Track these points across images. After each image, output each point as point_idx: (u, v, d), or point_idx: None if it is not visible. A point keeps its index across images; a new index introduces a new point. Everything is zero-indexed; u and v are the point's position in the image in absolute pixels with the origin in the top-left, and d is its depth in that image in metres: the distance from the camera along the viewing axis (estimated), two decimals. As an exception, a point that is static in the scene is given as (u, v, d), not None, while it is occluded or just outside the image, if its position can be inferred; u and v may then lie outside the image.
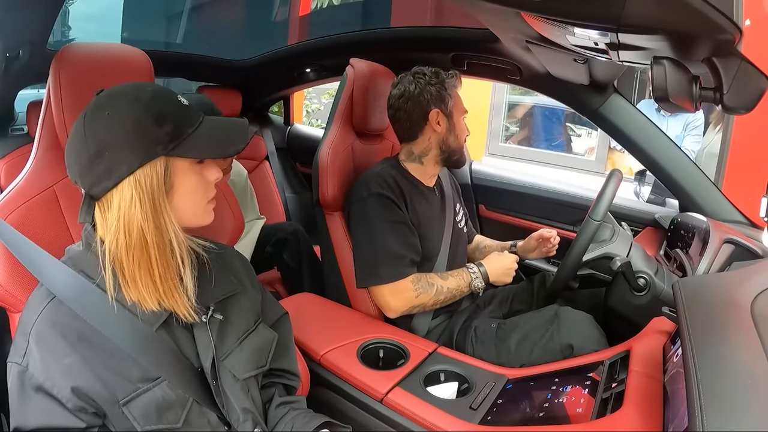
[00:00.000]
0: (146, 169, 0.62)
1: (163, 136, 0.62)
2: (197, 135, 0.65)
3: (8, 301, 0.73)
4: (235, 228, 0.98)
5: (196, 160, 0.66)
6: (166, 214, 0.63)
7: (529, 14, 0.85)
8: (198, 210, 0.68)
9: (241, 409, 0.71)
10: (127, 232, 0.62)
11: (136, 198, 0.61)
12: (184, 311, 0.65)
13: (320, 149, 1.31)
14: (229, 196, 0.98)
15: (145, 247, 0.62)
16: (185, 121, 0.64)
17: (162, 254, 0.63)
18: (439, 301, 1.18)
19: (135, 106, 0.61)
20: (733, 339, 0.60)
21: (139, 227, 0.62)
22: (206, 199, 0.69)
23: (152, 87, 0.65)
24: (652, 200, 1.60)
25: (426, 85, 1.21)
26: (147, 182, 0.62)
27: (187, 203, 0.67)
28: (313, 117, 4.68)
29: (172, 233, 0.64)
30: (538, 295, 1.34)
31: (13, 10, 1.09)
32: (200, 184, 0.67)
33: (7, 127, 1.96)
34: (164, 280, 0.64)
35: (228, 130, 0.68)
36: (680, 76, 0.65)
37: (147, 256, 0.62)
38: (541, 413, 0.82)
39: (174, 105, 0.65)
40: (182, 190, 0.65)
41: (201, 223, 0.70)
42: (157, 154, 0.62)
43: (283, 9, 3.44)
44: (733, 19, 0.58)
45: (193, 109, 0.67)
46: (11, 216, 0.74)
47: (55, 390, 0.59)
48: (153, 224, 0.62)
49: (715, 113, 2.62)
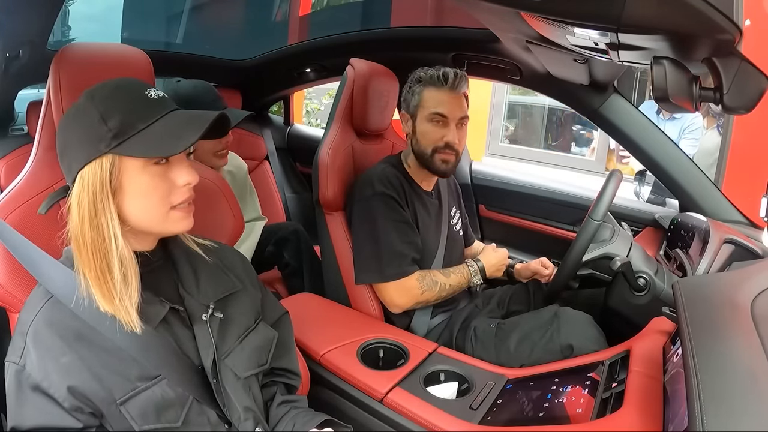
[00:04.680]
0: (92, 167, 0.60)
1: (106, 133, 0.59)
2: (147, 132, 0.60)
3: (8, 301, 0.73)
4: (235, 228, 0.97)
5: (153, 160, 0.62)
6: (107, 215, 0.60)
7: (529, 14, 0.85)
8: (155, 216, 0.64)
9: (242, 408, 0.71)
10: (72, 228, 0.62)
11: (81, 195, 0.61)
12: (126, 318, 0.61)
13: (320, 149, 1.31)
14: (229, 196, 0.98)
15: (83, 245, 0.61)
16: (139, 116, 0.60)
17: (100, 256, 0.61)
18: (441, 297, 1.20)
19: (87, 102, 0.61)
20: (733, 339, 0.60)
21: (75, 223, 0.61)
22: (168, 204, 0.64)
23: (118, 82, 0.63)
24: (652, 200, 1.60)
25: (407, 85, 1.23)
26: (90, 180, 0.60)
27: (138, 207, 0.62)
28: (313, 117, 4.67)
29: (111, 236, 0.61)
30: (535, 297, 1.34)
31: (13, 10, 1.09)
32: (156, 186, 0.62)
33: (7, 127, 1.96)
34: (102, 283, 0.61)
35: (184, 123, 0.62)
36: (680, 76, 0.64)
37: (85, 255, 0.61)
38: (541, 413, 0.82)
39: (131, 100, 0.61)
40: (131, 192, 0.62)
41: (167, 229, 0.66)
42: (99, 152, 0.60)
43: (283, 9, 3.44)
44: (733, 19, 0.58)
45: (160, 103, 0.63)
46: (11, 216, 0.74)
47: (52, 390, 0.59)
48: (89, 223, 0.60)
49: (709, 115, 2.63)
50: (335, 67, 1.94)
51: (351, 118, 1.37)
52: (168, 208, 0.64)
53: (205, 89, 1.42)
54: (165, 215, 0.64)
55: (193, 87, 1.41)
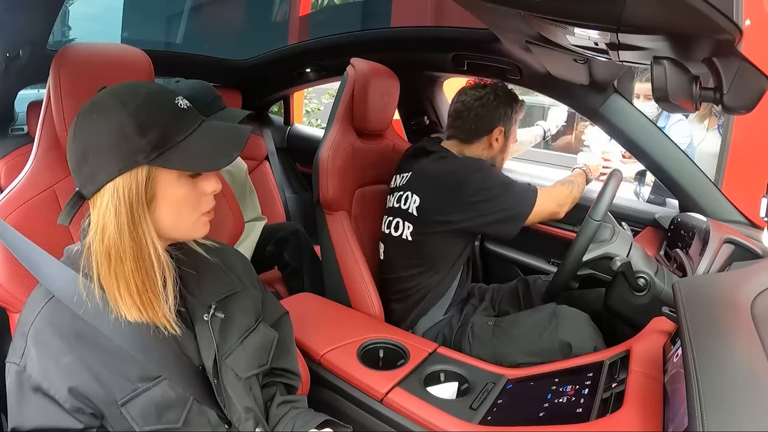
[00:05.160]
0: (126, 178, 0.59)
1: (145, 145, 0.58)
2: (185, 145, 0.61)
3: (8, 301, 0.73)
4: (235, 228, 0.98)
5: (189, 172, 0.62)
6: (145, 225, 0.60)
7: (529, 14, 0.85)
8: (185, 224, 0.64)
9: (243, 408, 0.71)
10: (102, 239, 0.60)
11: (112, 206, 0.59)
12: (165, 323, 0.62)
13: (321, 149, 1.31)
14: (228, 196, 0.98)
15: (122, 257, 0.60)
16: (175, 128, 0.60)
17: (140, 266, 0.61)
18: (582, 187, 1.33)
19: (120, 111, 0.58)
20: (733, 339, 0.60)
21: (113, 235, 0.59)
22: (198, 212, 0.65)
23: (147, 89, 0.62)
24: (652, 200, 1.60)
25: (504, 102, 1.26)
26: (125, 191, 0.59)
27: (171, 216, 0.63)
28: (313, 117, 4.67)
29: (150, 245, 0.61)
30: (525, 298, 1.35)
31: (13, 10, 1.09)
32: (189, 196, 0.63)
33: (7, 127, 1.96)
34: (142, 292, 0.61)
35: (223, 139, 0.63)
36: (680, 76, 0.64)
37: (122, 266, 0.60)
38: (541, 413, 0.82)
39: (166, 110, 0.61)
40: (166, 203, 0.62)
41: (192, 236, 0.67)
42: (137, 163, 0.59)
43: (283, 9, 3.44)
44: (733, 19, 0.58)
45: (190, 114, 0.63)
46: (11, 216, 0.74)
47: (53, 390, 0.59)
48: (129, 235, 0.59)
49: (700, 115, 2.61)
50: (335, 67, 1.94)
51: (351, 118, 1.37)
52: (198, 216, 0.65)
53: (204, 89, 1.42)
54: (194, 222, 0.65)
55: (192, 87, 1.41)
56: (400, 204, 1.25)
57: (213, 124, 0.65)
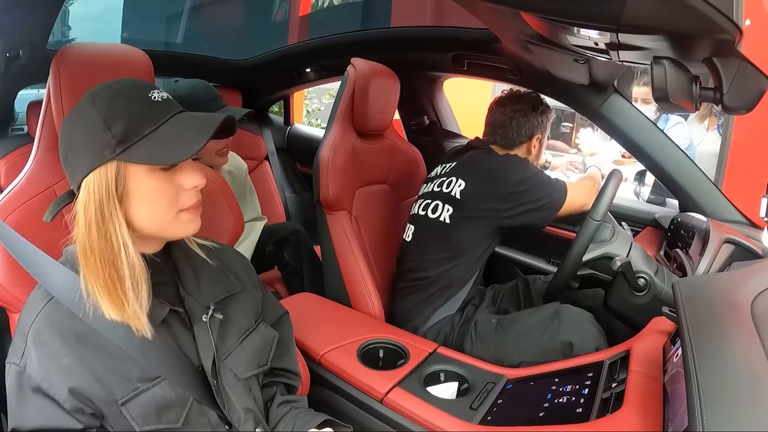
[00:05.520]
0: (96, 174, 0.59)
1: (110, 139, 0.58)
2: (153, 137, 0.59)
3: (8, 301, 0.73)
4: (235, 228, 0.97)
5: (160, 165, 0.61)
6: (115, 222, 0.59)
7: (529, 14, 0.85)
8: (164, 220, 0.63)
9: (242, 409, 0.71)
10: (79, 235, 0.61)
11: (87, 203, 0.59)
12: (135, 323, 0.61)
13: (321, 149, 1.31)
14: (228, 196, 0.98)
15: (91, 253, 0.60)
16: (142, 121, 0.59)
17: (109, 263, 0.60)
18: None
19: (90, 107, 0.59)
20: (733, 339, 0.60)
21: (86, 231, 0.60)
22: (176, 208, 0.63)
23: (120, 84, 0.61)
24: (652, 200, 1.60)
25: (543, 113, 1.34)
26: (95, 188, 0.59)
27: (147, 212, 0.62)
28: (313, 117, 4.68)
29: (121, 243, 0.60)
30: (525, 298, 1.36)
31: (13, 10, 1.09)
32: (164, 191, 0.61)
33: (7, 127, 1.96)
34: (112, 290, 0.60)
35: (193, 128, 0.61)
36: (680, 76, 0.64)
37: (94, 263, 0.60)
38: (541, 413, 0.82)
39: (133, 103, 0.60)
40: (139, 198, 0.61)
41: (179, 234, 0.66)
42: (104, 159, 0.58)
43: (283, 9, 3.44)
44: (733, 19, 0.58)
45: (161, 106, 0.61)
46: (11, 216, 0.74)
47: (53, 391, 0.59)
48: (96, 232, 0.59)
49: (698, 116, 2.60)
50: (335, 67, 1.94)
51: (352, 118, 1.37)
52: (176, 212, 0.63)
53: (204, 88, 1.42)
54: (173, 219, 0.63)
55: (191, 87, 1.41)
56: (441, 188, 1.28)
57: (186, 114, 0.63)
